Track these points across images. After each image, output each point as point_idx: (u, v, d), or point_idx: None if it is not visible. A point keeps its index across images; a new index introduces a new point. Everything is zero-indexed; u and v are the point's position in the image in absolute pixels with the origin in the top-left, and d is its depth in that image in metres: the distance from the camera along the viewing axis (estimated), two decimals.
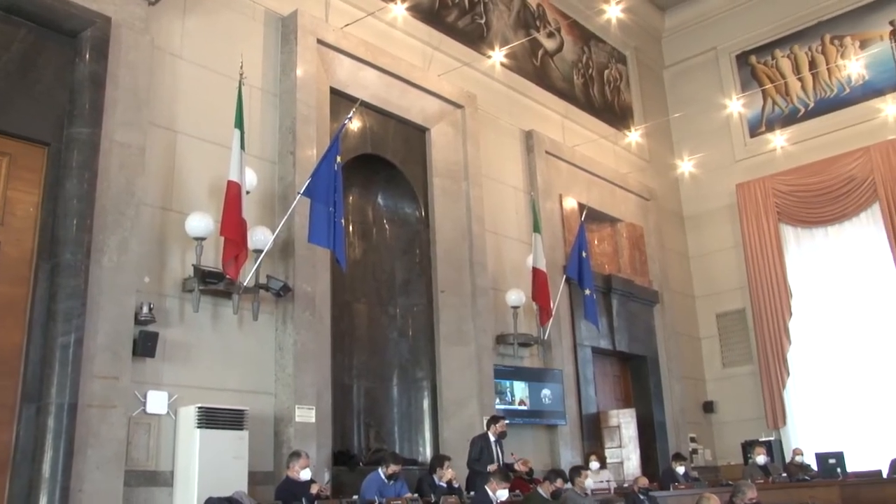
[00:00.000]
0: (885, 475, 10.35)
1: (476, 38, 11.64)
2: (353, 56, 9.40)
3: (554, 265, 11.26)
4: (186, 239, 7.12)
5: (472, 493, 7.84)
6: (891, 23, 13.83)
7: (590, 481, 9.02)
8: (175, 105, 7.48)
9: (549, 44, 13.31)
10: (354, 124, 9.39)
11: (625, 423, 11.80)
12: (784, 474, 10.70)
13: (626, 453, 11.66)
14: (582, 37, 14.16)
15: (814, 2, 14.55)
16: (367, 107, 9.51)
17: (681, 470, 10.59)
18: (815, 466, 10.92)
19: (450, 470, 7.89)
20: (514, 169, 11.63)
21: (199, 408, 6.65)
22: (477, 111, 10.96)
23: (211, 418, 6.65)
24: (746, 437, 12.68)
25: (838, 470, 10.49)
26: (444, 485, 7.77)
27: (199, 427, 6.59)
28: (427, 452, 9.39)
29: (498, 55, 11.59)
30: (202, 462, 6.53)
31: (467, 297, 10.02)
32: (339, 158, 7.66)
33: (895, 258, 12.76)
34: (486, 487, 7.11)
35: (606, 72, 14.60)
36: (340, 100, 9.20)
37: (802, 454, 11.66)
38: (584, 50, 14.13)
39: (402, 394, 9.68)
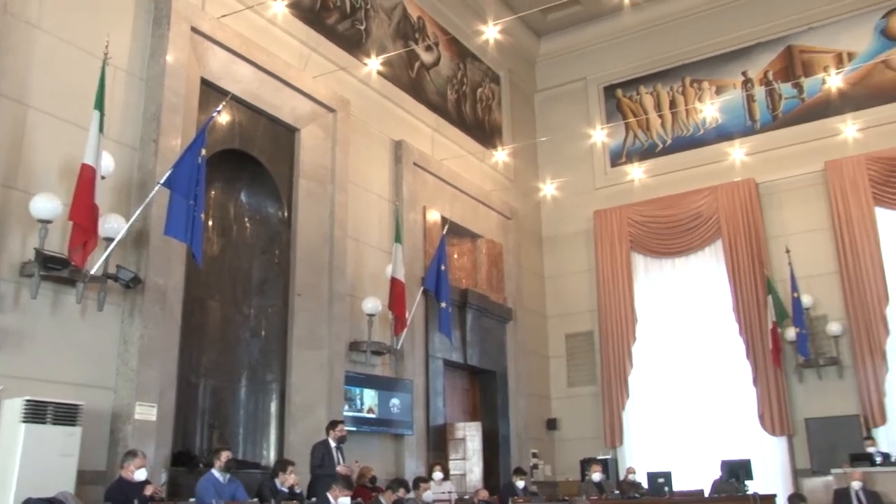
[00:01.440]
0: (706, 494, 11.01)
1: (354, 44, 11.62)
2: (227, 48, 9.19)
3: (412, 276, 11.35)
4: (30, 220, 6.73)
5: (313, 499, 7.78)
6: (743, 73, 14.77)
7: (429, 493, 9.15)
8: (28, 77, 7.09)
9: (427, 57, 13.46)
10: (223, 118, 9.18)
11: (470, 435, 12.00)
12: (617, 491, 11.18)
13: (469, 466, 11.86)
14: (459, 53, 14.39)
15: (678, 46, 15.34)
16: (237, 101, 9.31)
17: (521, 484, 10.87)
18: (646, 485, 11.49)
19: (293, 475, 7.79)
20: (380, 177, 11.66)
21: (27, 401, 6.23)
22: (349, 116, 10.93)
23: (39, 412, 6.25)
24: (585, 454, 13.12)
25: (666, 489, 11.10)
26: (286, 490, 7.67)
27: (24, 421, 6.16)
28: (271, 456, 9.26)
29: (375, 63, 11.62)
30: (24, 459, 6.10)
31: (324, 301, 9.96)
32: (203, 151, 7.46)
33: (733, 292, 13.60)
34: (327, 494, 7.08)
35: (480, 90, 14.88)
36: (211, 91, 8.98)
37: (635, 473, 12.21)
38: (459, 66, 14.36)
39: (249, 395, 9.49)
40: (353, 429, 9.77)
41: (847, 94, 13.71)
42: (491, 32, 11.75)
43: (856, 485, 10.08)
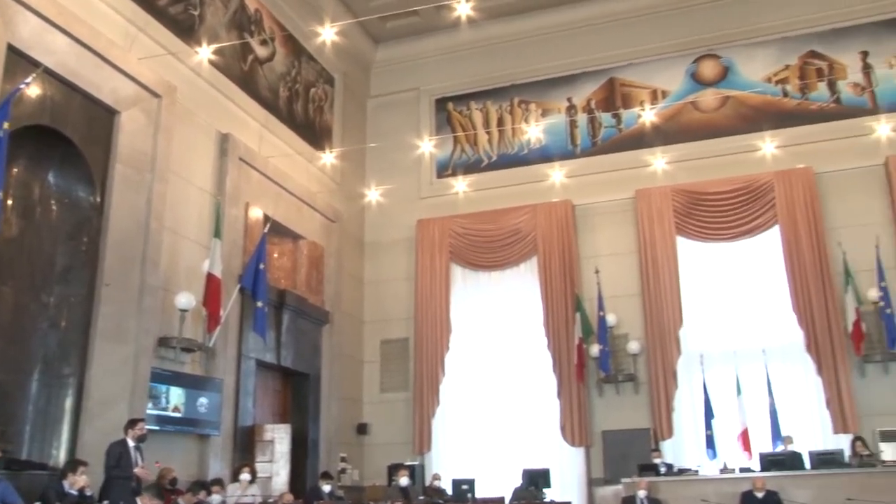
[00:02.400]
0: (506, 502, 11.44)
1: (186, 29, 11.20)
2: (41, 15, 8.57)
3: (230, 273, 11.06)
4: None
5: (105, 502, 7.39)
6: (568, 99, 15.50)
7: (217, 497, 8.94)
8: None
9: (261, 51, 13.18)
10: (32, 90, 8.55)
11: (279, 438, 11.80)
12: (422, 497, 11.38)
13: (276, 468, 11.66)
14: (295, 51, 14.19)
15: (510, 66, 15.87)
16: (50, 75, 8.73)
17: (327, 488, 10.85)
18: (450, 491, 11.77)
19: (83, 476, 7.36)
20: (204, 170, 11.29)
21: None
22: (175, 104, 10.51)
23: None
24: (394, 460, 13.25)
25: (469, 495, 11.45)
26: (75, 492, 7.24)
27: None
28: (62, 456, 8.67)
29: (206, 52, 11.24)
30: None
31: (134, 293, 9.50)
32: (6, 125, 6.94)
33: (544, 308, 14.18)
34: (136, 500, 6.73)
35: (313, 90, 14.74)
36: (20, 60, 8.35)
37: (440, 479, 12.49)
38: (294, 64, 14.17)
39: (41, 390, 8.82)
40: (156, 428, 9.37)
41: (659, 129, 14.69)
42: (328, 34, 11.65)
43: (641, 493, 10.79)
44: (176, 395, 9.88)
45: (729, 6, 14.95)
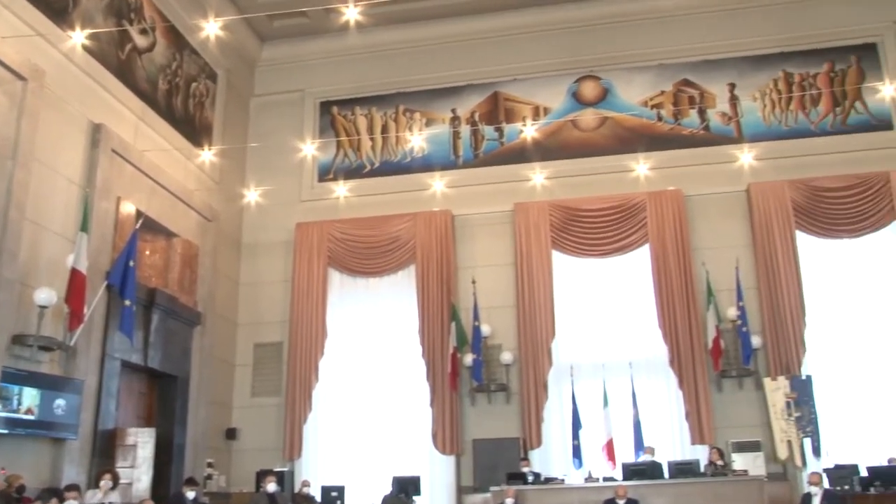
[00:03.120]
0: None
1: (59, 11, 10.67)
2: None
3: (97, 269, 10.59)
4: None
5: None
6: (453, 110, 15.67)
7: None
8: None
9: (141, 41, 12.73)
10: None
11: (142, 442, 11.33)
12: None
13: (137, 474, 11.19)
14: (177, 43, 13.77)
15: (397, 74, 15.90)
16: None
17: (191, 495, 10.53)
18: (319, 498, 11.64)
19: None
20: (72, 160, 10.77)
21: None
22: (43, 89, 10.00)
23: None
24: (264, 465, 12.94)
25: (338, 502, 11.36)
26: None
27: None
28: None
29: (79, 36, 10.75)
30: None
31: None
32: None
33: (420, 316, 14.23)
34: None
35: (195, 85, 14.34)
36: None
37: (310, 486, 12.34)
38: (176, 57, 13.74)
39: None
40: (4, 431, 8.85)
41: (540, 145, 15.05)
42: (212, 28, 11.39)
43: (509, 501, 10.96)
44: (30, 397, 9.32)
45: (610, 30, 15.50)
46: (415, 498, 11.96)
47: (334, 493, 11.95)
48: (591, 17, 15.54)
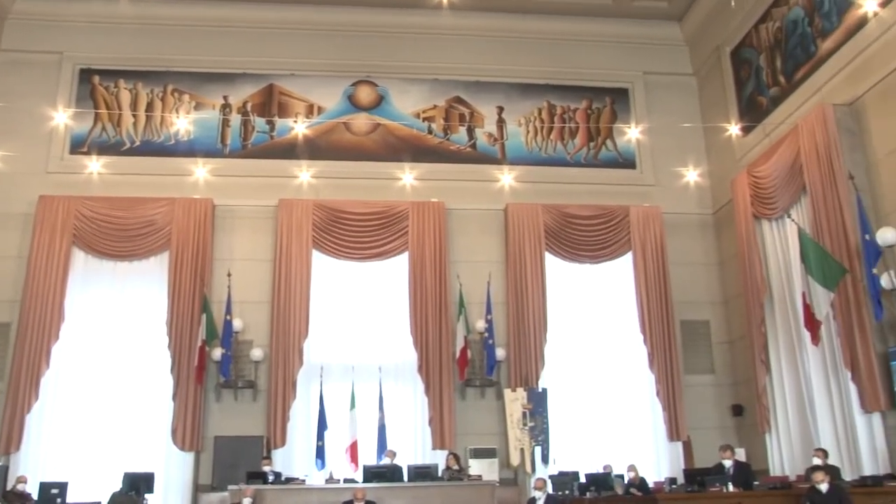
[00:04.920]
0: None
1: None
2: None
3: None
4: None
5: None
6: (224, 97, 15.17)
7: None
8: None
9: None
10: None
11: None
12: (3, 502, 10.26)
13: None
14: None
15: (168, 52, 15.16)
16: None
17: None
18: (37, 495, 10.76)
19: None
20: None
21: None
22: None
23: None
24: None
25: (59, 500, 10.56)
26: None
27: None
28: None
29: None
30: None
31: None
32: None
33: (169, 306, 13.58)
34: None
35: None
36: None
37: (26, 482, 11.34)
38: None
39: None
40: None
41: (311, 143, 15.00)
42: None
43: (246, 500, 10.71)
44: None
45: (391, 39, 15.79)
46: (147, 496, 11.39)
47: (55, 491, 11.03)
48: (372, 23, 15.72)
